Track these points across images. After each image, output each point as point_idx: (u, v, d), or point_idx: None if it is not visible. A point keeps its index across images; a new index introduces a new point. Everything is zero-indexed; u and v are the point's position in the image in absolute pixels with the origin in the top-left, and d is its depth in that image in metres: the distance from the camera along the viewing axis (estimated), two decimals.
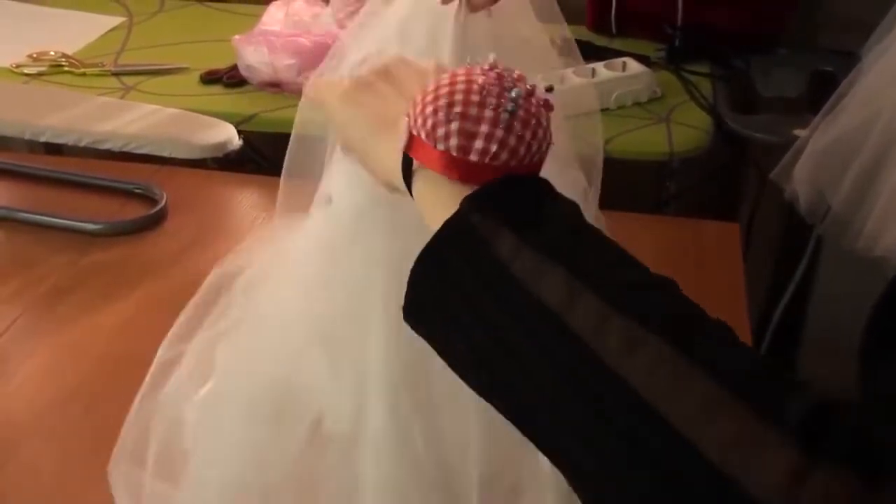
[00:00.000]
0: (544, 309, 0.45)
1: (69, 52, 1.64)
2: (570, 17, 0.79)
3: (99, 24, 1.78)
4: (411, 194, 0.53)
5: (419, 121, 0.52)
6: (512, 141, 0.50)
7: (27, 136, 1.45)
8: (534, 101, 0.52)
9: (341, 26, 1.49)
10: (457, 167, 0.50)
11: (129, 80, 1.57)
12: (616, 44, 1.65)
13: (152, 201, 1.23)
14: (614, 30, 1.70)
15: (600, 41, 1.66)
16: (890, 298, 0.47)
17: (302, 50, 1.49)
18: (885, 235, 1.19)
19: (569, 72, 1.48)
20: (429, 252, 0.49)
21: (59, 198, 1.26)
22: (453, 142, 0.50)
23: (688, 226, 1.23)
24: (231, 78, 1.56)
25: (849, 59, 1.31)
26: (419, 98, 0.53)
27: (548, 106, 0.53)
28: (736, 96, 1.54)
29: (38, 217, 1.20)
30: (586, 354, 0.43)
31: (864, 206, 1.22)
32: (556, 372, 0.45)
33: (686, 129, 1.44)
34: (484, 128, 0.50)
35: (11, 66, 1.61)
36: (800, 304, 1.76)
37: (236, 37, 1.54)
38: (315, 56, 1.43)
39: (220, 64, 1.59)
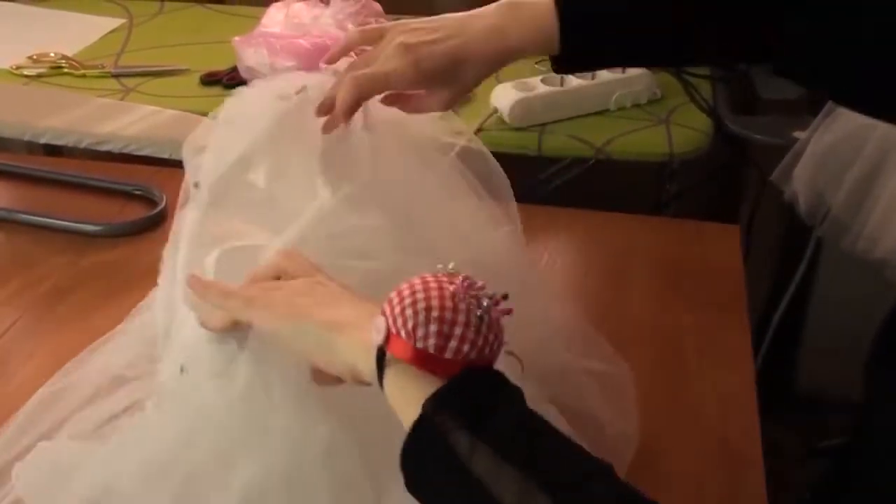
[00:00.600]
0: None
1: (69, 54, 1.64)
2: None
3: (99, 26, 1.79)
4: (381, 383, 0.61)
5: (399, 321, 0.60)
6: (480, 342, 0.59)
7: (27, 138, 1.45)
8: (498, 308, 0.61)
9: (341, 28, 1.49)
10: (433, 363, 0.59)
11: (129, 82, 1.57)
12: None
13: (152, 203, 1.23)
14: None
15: None
16: None
17: (302, 52, 1.49)
18: (885, 238, 1.19)
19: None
20: (406, 449, 0.58)
21: (59, 199, 1.26)
22: (431, 341, 0.59)
23: (688, 227, 1.23)
24: (231, 79, 1.56)
25: None
26: (396, 300, 0.61)
27: (509, 312, 0.61)
28: (736, 98, 1.54)
29: (38, 218, 1.20)
30: None
31: (864, 209, 1.22)
32: None
33: (686, 130, 1.44)
34: (458, 330, 0.59)
35: (11, 67, 1.61)
36: (800, 305, 1.76)
37: (236, 38, 1.54)
38: (314, 58, 1.42)
39: (220, 65, 1.59)
